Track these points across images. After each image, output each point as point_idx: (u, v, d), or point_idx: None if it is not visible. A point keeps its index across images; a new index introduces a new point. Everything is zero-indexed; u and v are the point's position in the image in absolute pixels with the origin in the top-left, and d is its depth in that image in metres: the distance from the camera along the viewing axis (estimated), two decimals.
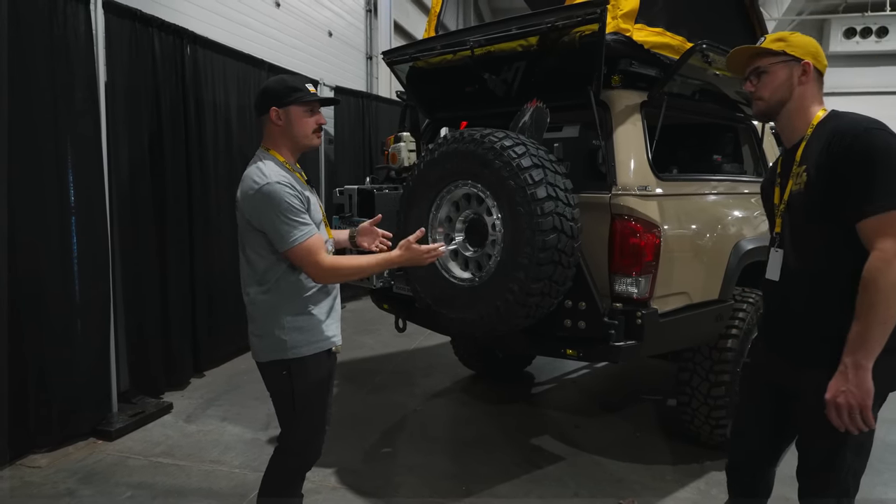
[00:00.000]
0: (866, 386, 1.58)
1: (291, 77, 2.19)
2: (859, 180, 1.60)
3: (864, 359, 1.58)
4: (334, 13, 7.94)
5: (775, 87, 1.79)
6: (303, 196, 2.01)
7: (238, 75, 4.81)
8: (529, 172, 2.39)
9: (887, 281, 1.54)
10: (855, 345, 1.59)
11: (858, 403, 1.58)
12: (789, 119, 1.83)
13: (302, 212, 1.97)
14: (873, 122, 1.66)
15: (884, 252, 1.55)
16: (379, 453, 3.33)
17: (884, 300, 1.54)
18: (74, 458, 3.18)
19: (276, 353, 2.05)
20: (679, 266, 2.79)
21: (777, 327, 1.89)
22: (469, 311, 2.61)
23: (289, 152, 2.12)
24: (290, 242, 1.94)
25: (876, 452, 3.38)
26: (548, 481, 3.03)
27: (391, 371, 4.68)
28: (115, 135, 3.60)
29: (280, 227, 1.94)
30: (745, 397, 2.17)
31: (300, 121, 2.07)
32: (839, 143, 1.65)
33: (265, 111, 2.06)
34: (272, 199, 1.93)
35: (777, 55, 1.79)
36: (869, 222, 1.58)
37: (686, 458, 3.25)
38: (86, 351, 3.38)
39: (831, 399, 1.62)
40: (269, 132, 2.10)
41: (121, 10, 3.60)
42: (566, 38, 2.75)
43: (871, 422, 1.61)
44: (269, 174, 1.97)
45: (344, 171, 6.59)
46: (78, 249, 3.34)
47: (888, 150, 1.59)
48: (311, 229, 1.98)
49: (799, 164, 1.77)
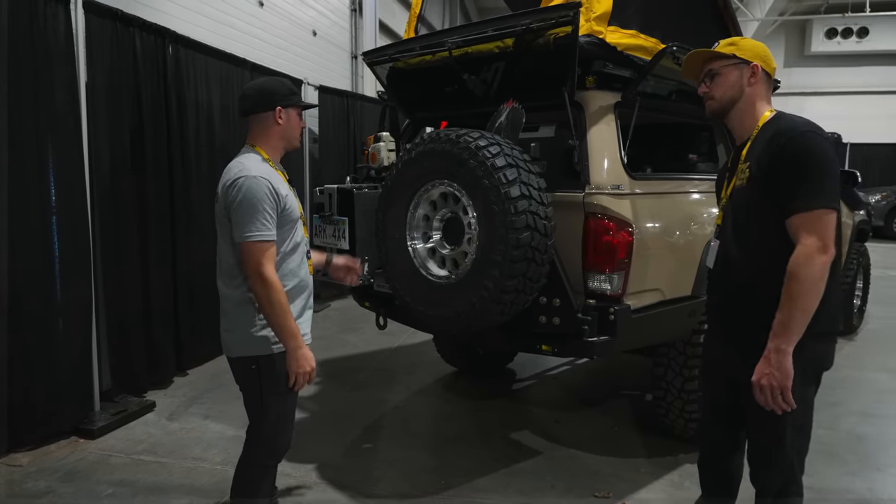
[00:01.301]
0: (786, 369, 1.72)
1: (284, 79, 2.29)
2: (790, 179, 1.73)
3: (786, 344, 1.71)
4: (319, 12, 7.96)
5: (726, 87, 1.92)
6: (279, 196, 2.06)
7: (221, 75, 4.82)
8: (503, 172, 2.44)
9: (808, 274, 1.67)
10: (778, 331, 1.72)
11: (779, 384, 1.72)
12: (739, 118, 1.95)
13: (270, 214, 2.02)
14: (810, 126, 1.77)
15: (806, 247, 1.68)
16: (360, 449, 3.38)
17: (805, 291, 1.68)
18: (56, 456, 3.20)
19: (246, 349, 2.10)
20: (652, 263, 2.85)
21: (720, 316, 2.02)
22: (446, 308, 2.66)
23: (276, 151, 2.20)
24: (244, 235, 1.99)
25: (844, 444, 3.50)
26: (525, 475, 3.09)
27: (374, 368, 4.72)
28: (96, 134, 3.61)
29: (243, 217, 1.99)
30: (705, 391, 2.28)
31: (296, 122, 2.20)
32: (777, 143, 1.77)
33: (269, 108, 2.12)
34: (247, 191, 1.99)
35: (728, 58, 1.91)
36: (795, 219, 1.72)
37: (661, 451, 3.32)
38: (67, 350, 3.39)
39: (756, 381, 1.77)
40: (264, 130, 2.16)
41: (101, 9, 3.61)
42: (541, 39, 2.80)
43: (791, 401, 1.74)
44: (250, 168, 2.05)
45: (328, 170, 6.61)
46: (59, 248, 3.35)
47: (820, 153, 1.72)
48: (271, 234, 2.02)
49: (744, 160, 1.90)
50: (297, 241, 2.18)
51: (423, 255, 2.81)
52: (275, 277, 2.00)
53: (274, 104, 2.12)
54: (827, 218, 1.70)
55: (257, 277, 1.99)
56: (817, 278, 1.68)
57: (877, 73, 16.84)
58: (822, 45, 16.74)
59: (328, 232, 3.35)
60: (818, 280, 1.69)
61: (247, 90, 2.20)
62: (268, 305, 2.00)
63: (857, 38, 16.46)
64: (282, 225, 2.09)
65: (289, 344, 2.04)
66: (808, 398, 1.88)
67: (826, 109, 16.50)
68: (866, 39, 16.42)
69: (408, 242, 2.81)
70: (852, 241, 5.35)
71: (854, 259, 5.43)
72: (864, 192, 12.91)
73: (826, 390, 4.20)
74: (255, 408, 2.18)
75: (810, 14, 16.40)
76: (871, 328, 5.98)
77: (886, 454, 3.33)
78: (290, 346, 2.04)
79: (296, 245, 2.18)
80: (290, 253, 2.15)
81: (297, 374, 2.07)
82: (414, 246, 2.81)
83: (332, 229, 3.32)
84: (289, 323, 2.02)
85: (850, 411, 3.90)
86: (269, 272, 1.99)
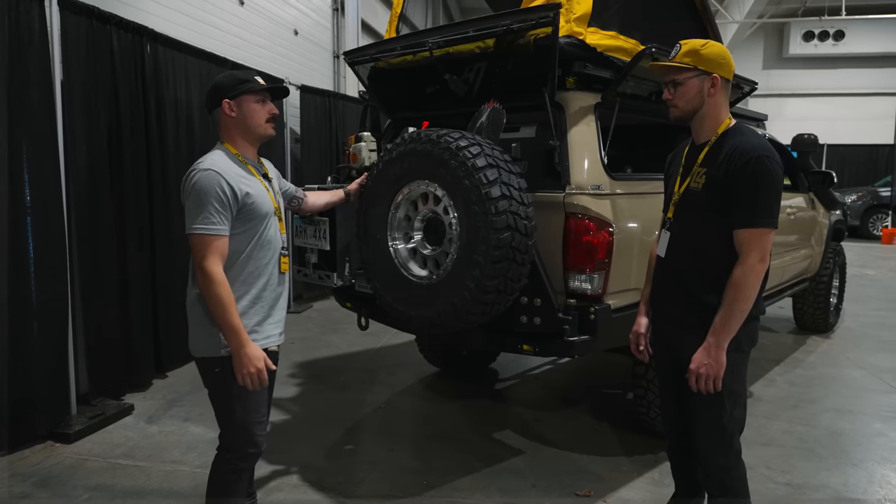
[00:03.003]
0: (721, 361, 1.99)
1: (240, 71, 2.26)
2: (743, 197, 1.95)
3: (724, 340, 1.98)
4: (300, 11, 7.90)
5: (688, 98, 2.08)
6: (235, 191, 2.01)
7: (201, 74, 4.77)
8: (484, 172, 2.44)
9: (748, 283, 1.95)
10: (718, 328, 1.98)
11: (713, 374, 1.99)
12: (700, 123, 2.12)
13: (218, 208, 1.98)
14: (766, 150, 1.97)
15: (749, 259, 1.95)
16: (342, 450, 3.36)
17: (743, 297, 1.96)
18: (31, 461, 3.14)
19: (210, 349, 2.06)
20: (632, 263, 2.87)
21: (663, 298, 2.24)
22: (427, 308, 2.65)
23: (246, 144, 2.17)
24: (190, 227, 1.98)
25: (821, 440, 3.56)
26: (507, 474, 3.10)
27: (357, 369, 4.70)
28: (72, 134, 3.55)
29: (190, 210, 1.99)
30: (661, 381, 2.44)
31: (253, 111, 2.13)
32: (737, 161, 1.97)
33: (217, 105, 2.12)
34: (196, 183, 1.99)
35: (689, 70, 2.04)
36: (743, 233, 1.97)
37: (642, 448, 3.35)
38: (43, 353, 3.33)
39: (695, 369, 2.02)
40: (223, 126, 2.15)
41: (77, 7, 3.55)
42: (521, 40, 2.81)
43: (720, 385, 2.01)
44: (207, 161, 2.04)
45: (310, 170, 6.58)
46: (34, 250, 3.29)
47: (773, 178, 1.95)
48: (220, 229, 1.98)
49: (700, 164, 2.08)
50: (268, 237, 2.14)
51: (404, 256, 2.80)
52: (216, 271, 1.95)
53: (219, 99, 2.11)
54: (769, 235, 1.96)
55: (199, 271, 1.97)
56: (755, 285, 1.97)
57: (853, 75, 17.15)
58: (800, 47, 17.01)
59: (309, 232, 3.32)
60: (755, 286, 1.97)
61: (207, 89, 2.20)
62: (208, 300, 1.97)
63: (834, 42, 16.77)
64: (245, 220, 2.06)
65: (231, 342, 1.98)
66: (742, 370, 2.12)
67: (803, 111, 16.79)
68: (842, 42, 16.73)
69: (389, 243, 2.80)
70: (829, 241, 5.43)
71: (830, 258, 5.52)
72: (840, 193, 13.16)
73: (804, 388, 4.30)
74: (221, 411, 2.14)
75: (788, 17, 16.64)
76: (847, 326, 6.09)
77: (861, 450, 3.39)
78: (233, 345, 1.98)
79: (266, 242, 2.13)
80: (258, 249, 2.11)
81: (242, 374, 1.99)
82: (395, 246, 2.80)
83: (312, 230, 3.30)
84: (229, 319, 1.95)
85: (826, 408, 3.97)
86: (211, 266, 1.95)
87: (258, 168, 2.20)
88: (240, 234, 2.06)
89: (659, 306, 2.27)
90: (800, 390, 4.29)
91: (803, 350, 5.27)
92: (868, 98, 16.95)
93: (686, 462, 2.39)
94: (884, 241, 13.02)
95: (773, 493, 2.93)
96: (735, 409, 2.10)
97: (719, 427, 2.09)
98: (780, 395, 4.17)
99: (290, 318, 6.13)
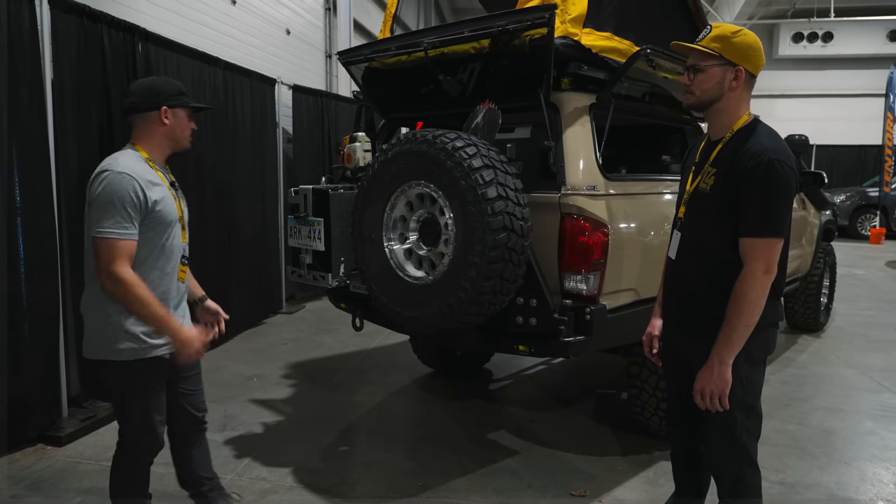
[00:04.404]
0: (726, 378, 1.87)
1: (175, 80, 2.28)
2: (750, 203, 1.83)
3: (728, 356, 1.86)
4: (292, 11, 7.88)
5: (707, 87, 1.92)
6: (146, 196, 2.02)
7: (193, 73, 4.74)
8: (480, 173, 2.44)
9: (753, 295, 1.83)
10: (722, 343, 1.86)
11: (718, 392, 1.88)
12: (716, 117, 1.97)
13: (130, 213, 1.98)
14: (779, 153, 1.82)
15: (754, 270, 1.82)
16: (336, 452, 3.35)
17: (748, 311, 1.83)
18: (21, 464, 3.11)
19: (104, 352, 2.08)
20: (627, 263, 2.89)
21: (672, 303, 2.13)
22: (423, 309, 2.65)
23: (160, 151, 2.19)
24: (97, 230, 1.95)
25: (813, 439, 3.58)
26: (503, 474, 3.10)
27: (350, 370, 4.69)
28: (63, 134, 3.51)
29: (99, 212, 1.96)
30: (669, 384, 2.36)
31: (185, 123, 2.21)
32: (746, 163, 1.83)
33: (154, 108, 2.12)
34: (108, 185, 1.97)
35: (713, 57, 1.88)
36: (749, 241, 1.84)
37: (637, 448, 3.36)
38: (34, 354, 3.30)
39: (698, 388, 1.92)
40: (146, 129, 2.15)
41: (68, 5, 3.51)
42: (517, 41, 2.81)
43: (727, 404, 1.90)
44: (120, 163, 2.02)
45: (302, 170, 6.55)
46: (25, 251, 3.25)
47: (784, 185, 1.80)
48: (128, 233, 1.98)
49: (712, 163, 1.95)
50: (171, 245, 2.15)
51: (399, 256, 2.79)
52: (129, 274, 1.96)
53: (159, 104, 2.12)
54: (776, 246, 1.84)
55: (110, 276, 1.95)
56: (760, 297, 1.84)
57: (841, 76, 17.30)
58: (790, 48, 17.14)
59: (303, 233, 3.31)
60: (761, 299, 1.84)
61: (133, 88, 2.21)
62: (129, 303, 1.98)
63: (823, 43, 16.91)
64: (151, 227, 2.06)
65: (164, 333, 2.03)
66: (756, 380, 2.00)
67: (793, 112, 16.91)
68: (831, 44, 16.88)
69: (384, 243, 2.80)
70: (819, 241, 5.47)
71: (821, 258, 5.56)
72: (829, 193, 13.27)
73: (795, 387, 4.33)
74: (117, 411, 2.19)
75: (777, 19, 16.78)
76: (837, 325, 6.14)
77: (853, 448, 3.42)
78: (168, 335, 2.04)
79: (169, 250, 2.14)
80: (160, 257, 2.12)
81: (185, 358, 2.07)
82: (390, 247, 2.80)
83: (307, 230, 3.29)
84: (155, 312, 1.98)
85: (818, 407, 4.00)
86: (123, 270, 1.95)
87: (166, 174, 2.20)
88: (144, 241, 2.06)
89: (669, 311, 2.17)
90: (791, 389, 4.32)
91: (794, 349, 5.31)
92: (856, 99, 17.10)
93: (691, 467, 2.30)
94: (872, 241, 13.14)
95: (766, 491, 2.90)
96: (748, 420, 1.98)
97: (731, 439, 1.98)
98: (772, 394, 4.20)
99: (282, 319, 6.17)
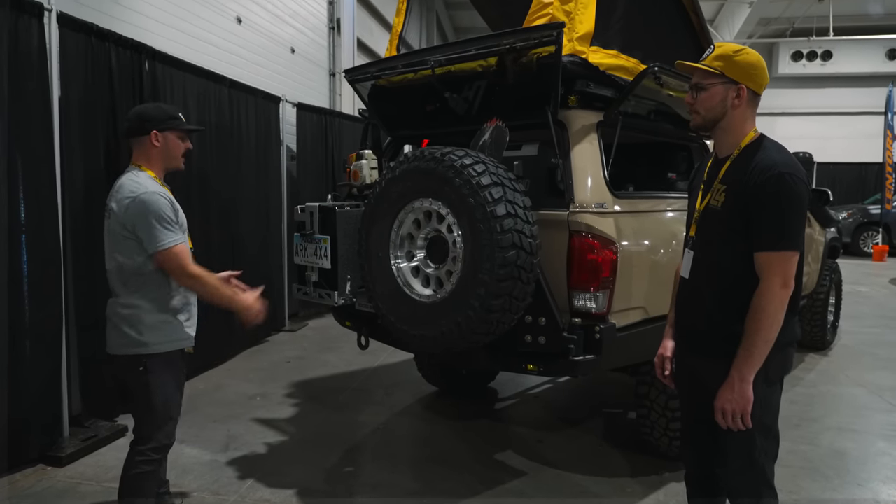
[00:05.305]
0: (748, 395, 1.83)
1: (167, 105, 2.57)
2: (763, 217, 1.81)
3: (748, 373, 1.82)
4: (297, 30, 7.94)
5: (711, 105, 1.93)
6: (174, 210, 2.33)
7: (198, 91, 4.76)
8: (489, 190, 2.42)
9: (771, 310, 1.80)
10: (742, 360, 1.83)
11: (741, 410, 1.84)
12: (722, 135, 1.98)
13: (175, 222, 2.30)
14: (789, 167, 1.81)
15: (771, 285, 1.80)
16: (341, 472, 3.29)
17: (767, 326, 1.80)
18: (22, 485, 3.06)
19: (135, 348, 2.32)
20: (636, 281, 2.86)
21: (687, 322, 2.09)
22: (430, 328, 2.62)
23: (160, 170, 2.46)
24: (160, 245, 2.25)
25: (825, 459, 3.52)
26: (510, 496, 3.04)
27: (354, 389, 4.64)
28: (69, 151, 3.51)
29: (153, 232, 2.25)
30: (683, 405, 2.30)
31: (175, 145, 2.46)
32: (757, 178, 1.82)
33: (145, 133, 2.37)
34: (149, 206, 2.25)
35: (715, 76, 1.90)
36: (764, 256, 1.82)
37: (646, 469, 3.30)
38: (35, 373, 3.26)
39: (719, 406, 1.87)
40: (143, 151, 2.41)
41: (76, 24, 3.53)
42: (524, 59, 2.81)
43: (749, 422, 1.85)
44: (144, 185, 2.31)
45: (306, 187, 6.55)
46: (28, 269, 3.23)
47: (797, 198, 1.79)
48: (181, 238, 2.31)
49: (721, 180, 1.94)
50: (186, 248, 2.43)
51: (406, 274, 2.77)
52: (198, 269, 2.29)
53: (148, 129, 2.37)
54: (793, 259, 1.82)
55: (187, 276, 2.28)
56: (778, 312, 1.81)
57: (841, 94, 17.40)
58: (789, 67, 17.25)
59: (309, 251, 3.29)
60: (779, 313, 1.81)
61: (129, 114, 2.47)
62: (205, 291, 2.33)
63: (822, 61, 17.02)
64: None
65: (230, 304, 2.35)
66: (774, 401, 1.98)
67: (794, 130, 16.96)
68: (830, 62, 16.98)
69: (391, 261, 2.77)
70: (825, 258, 5.45)
71: (827, 276, 5.53)
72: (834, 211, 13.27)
73: (805, 406, 4.28)
74: (140, 406, 2.38)
75: (777, 37, 16.90)
76: (844, 343, 6.09)
77: (866, 469, 3.36)
78: (232, 305, 2.35)
79: None
80: None
81: (251, 321, 2.37)
82: (398, 265, 2.77)
83: (313, 248, 3.27)
84: (223, 292, 2.34)
85: (829, 427, 3.94)
86: (193, 268, 2.28)
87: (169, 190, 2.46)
88: None
89: (683, 331, 2.12)
90: (801, 409, 4.27)
91: (802, 368, 5.26)
92: (856, 117, 17.17)
93: (706, 490, 2.24)
94: (875, 259, 13.11)
95: None
96: (766, 442, 1.95)
97: (749, 461, 1.93)
98: (782, 413, 4.05)
99: (285, 337, 6.12)
